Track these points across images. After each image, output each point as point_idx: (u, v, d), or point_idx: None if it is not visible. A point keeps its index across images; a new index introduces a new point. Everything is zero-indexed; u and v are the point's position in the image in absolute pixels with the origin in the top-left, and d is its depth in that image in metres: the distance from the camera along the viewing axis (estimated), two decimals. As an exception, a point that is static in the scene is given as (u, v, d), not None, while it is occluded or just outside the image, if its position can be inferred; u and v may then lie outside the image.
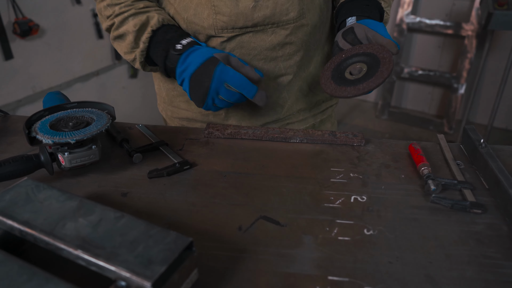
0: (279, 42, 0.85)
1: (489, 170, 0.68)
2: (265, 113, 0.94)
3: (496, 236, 0.59)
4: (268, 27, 0.83)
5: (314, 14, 0.86)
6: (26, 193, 0.55)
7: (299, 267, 0.53)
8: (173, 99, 0.99)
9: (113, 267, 0.44)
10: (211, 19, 0.82)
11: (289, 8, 0.82)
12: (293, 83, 0.92)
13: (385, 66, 0.73)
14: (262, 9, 0.80)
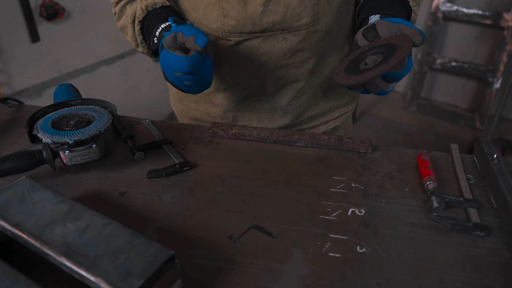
0: (290, 49, 0.81)
1: (498, 188, 0.65)
2: (274, 120, 0.92)
3: (497, 262, 0.56)
4: (278, 33, 0.79)
5: (331, 19, 0.82)
6: (22, 193, 0.56)
7: (285, 284, 0.52)
8: (182, 97, 0.99)
9: (92, 278, 0.45)
10: (219, 21, 0.79)
11: (301, 13, 0.78)
12: (304, 89, 0.89)
13: (398, 53, 0.64)
14: (271, 14, 0.77)
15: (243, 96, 0.90)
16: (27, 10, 1.67)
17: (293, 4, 0.77)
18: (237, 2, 0.77)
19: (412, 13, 0.80)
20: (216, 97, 0.92)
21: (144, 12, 0.79)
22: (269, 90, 0.87)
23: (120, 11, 0.85)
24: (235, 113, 0.93)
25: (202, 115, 0.96)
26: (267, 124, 0.92)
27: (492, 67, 2.80)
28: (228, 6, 0.78)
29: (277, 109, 0.91)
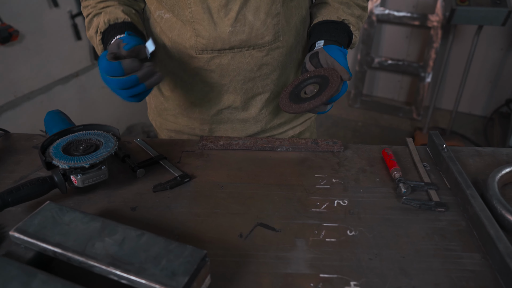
0: (256, 63, 0.91)
1: (450, 172, 0.80)
2: (247, 128, 1.02)
3: (456, 231, 0.70)
4: (245, 49, 0.89)
5: (290, 36, 0.93)
6: (52, 216, 0.62)
7: (295, 268, 0.63)
8: (161, 112, 1.06)
9: (143, 281, 0.52)
10: (192, 40, 0.88)
11: (264, 32, 0.88)
12: (271, 99, 1.00)
13: (328, 90, 0.80)
14: (238, 33, 0.87)
15: (217, 110, 0.99)
16: (-22, 34, 1.63)
17: (257, 25, 0.87)
18: (208, 24, 0.86)
19: (353, 37, 0.95)
20: (193, 111, 1.01)
21: (106, 24, 0.87)
22: (240, 102, 0.97)
23: (88, 22, 0.93)
24: (211, 125, 1.02)
25: (181, 127, 1.04)
26: (241, 133, 1.02)
27: (423, 63, 3.10)
28: (200, 27, 0.87)
29: (249, 119, 1.01)
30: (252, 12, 0.85)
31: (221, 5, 0.83)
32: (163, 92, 1.03)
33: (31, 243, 0.58)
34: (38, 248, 0.58)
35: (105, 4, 0.90)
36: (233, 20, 0.85)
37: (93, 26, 0.90)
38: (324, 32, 0.90)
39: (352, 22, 0.93)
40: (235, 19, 0.85)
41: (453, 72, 3.13)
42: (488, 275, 0.62)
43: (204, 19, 0.85)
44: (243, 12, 0.84)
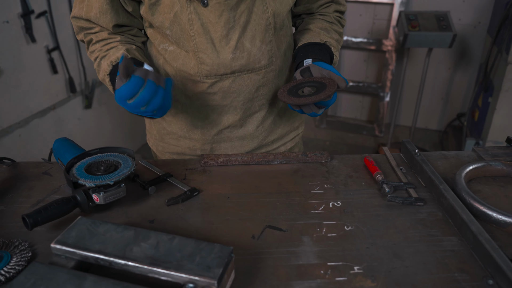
0: (254, 85, 1.03)
1: (424, 172, 0.93)
2: (245, 145, 1.12)
3: (435, 220, 0.82)
4: (244, 73, 1.00)
5: (281, 60, 1.06)
6: (87, 229, 0.68)
7: (305, 259, 0.72)
8: (163, 136, 1.14)
9: (183, 275, 0.60)
10: (197, 68, 0.98)
11: (260, 58, 1.00)
12: (266, 117, 1.11)
13: (327, 91, 0.92)
14: (238, 59, 0.98)
15: (218, 130, 1.09)
16: (-41, 71, 1.65)
17: (254, 51, 0.99)
18: (211, 52, 0.97)
19: (334, 57, 1.08)
20: (195, 133, 1.10)
21: (110, 66, 0.95)
22: (239, 121, 1.08)
23: (97, 66, 1.00)
24: (211, 144, 1.11)
25: (183, 149, 1.13)
26: (239, 150, 1.12)
27: (381, 84, 3.34)
28: (204, 56, 0.97)
29: (246, 136, 1.11)
30: (249, 40, 0.97)
31: (222, 35, 0.94)
32: (165, 118, 1.11)
33: (72, 253, 0.65)
34: (79, 256, 0.64)
35: (109, 46, 0.98)
36: (233, 48, 0.96)
37: (102, 70, 0.98)
38: (310, 52, 1.03)
39: (333, 44, 1.07)
40: (235, 47, 0.96)
41: (409, 91, 3.39)
42: (465, 252, 0.74)
43: (207, 49, 0.95)
44: (242, 40, 0.96)
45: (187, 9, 0.92)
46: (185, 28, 0.94)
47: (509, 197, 0.90)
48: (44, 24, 2.04)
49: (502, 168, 0.96)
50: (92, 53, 1.02)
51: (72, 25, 1.06)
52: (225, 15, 0.93)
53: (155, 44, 1.03)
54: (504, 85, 2.22)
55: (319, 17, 1.13)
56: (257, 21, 0.97)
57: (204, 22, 0.94)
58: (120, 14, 1.00)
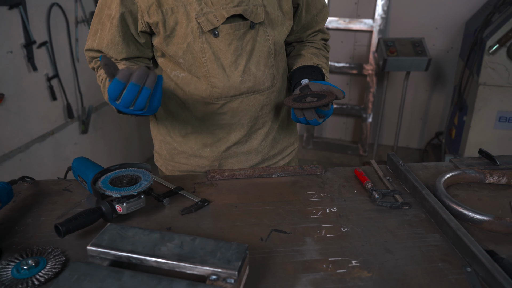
0: (259, 104, 1.16)
1: (408, 180, 1.05)
2: (250, 159, 1.23)
3: (419, 221, 0.93)
4: (250, 94, 1.13)
5: (280, 82, 1.20)
6: (117, 232, 0.77)
7: (309, 256, 0.82)
8: (174, 156, 1.24)
9: (207, 268, 0.69)
10: (208, 91, 1.10)
11: (264, 80, 1.13)
12: (268, 133, 1.23)
13: (327, 98, 1.03)
14: (246, 82, 1.11)
15: (226, 147, 1.20)
16: (-34, 99, 1.73)
17: (259, 75, 1.12)
18: (222, 77, 1.09)
19: (325, 78, 1.22)
20: (204, 151, 1.20)
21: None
22: (245, 137, 1.19)
23: (103, 87, 1.10)
24: (220, 161, 1.21)
25: (193, 167, 1.23)
26: (245, 164, 1.23)
27: (363, 105, 3.52)
28: (216, 80, 1.09)
29: (251, 151, 1.22)
30: (254, 65, 1.10)
31: (231, 61, 1.07)
32: (175, 139, 1.22)
33: (107, 253, 0.73)
34: (112, 256, 0.73)
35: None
36: (242, 72, 1.09)
37: (106, 87, 1.07)
38: (305, 73, 1.16)
39: (324, 66, 1.21)
40: (243, 71, 1.09)
41: (390, 112, 3.57)
42: (446, 246, 0.85)
43: (219, 73, 1.08)
44: (248, 65, 1.09)
45: (199, 39, 1.04)
46: (198, 56, 1.06)
47: (482, 200, 1.02)
48: (44, 54, 2.14)
49: (476, 175, 1.09)
50: (99, 76, 1.13)
51: (86, 57, 1.16)
52: (234, 44, 1.06)
53: (167, 71, 1.14)
54: (476, 104, 2.40)
55: (308, 45, 1.27)
56: (261, 49, 1.10)
57: (215, 51, 1.06)
58: (131, 46, 1.10)
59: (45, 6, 2.12)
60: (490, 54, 2.27)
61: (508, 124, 2.38)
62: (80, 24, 2.38)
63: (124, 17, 1.05)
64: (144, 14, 1.03)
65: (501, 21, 2.29)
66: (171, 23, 1.03)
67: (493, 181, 1.08)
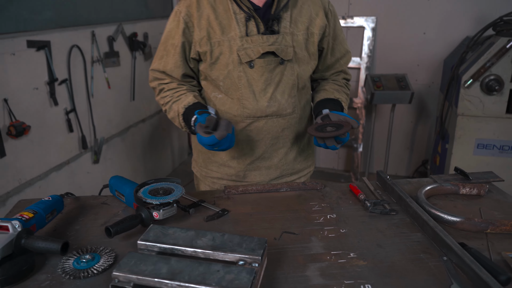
0: (280, 126, 1.38)
1: (394, 192, 1.25)
2: (270, 173, 1.44)
3: (404, 223, 1.12)
4: (274, 117, 1.35)
5: (301, 110, 1.42)
6: (160, 231, 0.95)
7: (315, 250, 1.00)
8: (208, 164, 1.47)
9: (237, 255, 0.87)
10: (240, 111, 1.33)
11: (286, 107, 1.36)
12: (287, 152, 1.44)
13: (345, 128, 1.22)
14: (271, 107, 1.33)
15: (250, 161, 1.41)
16: (-3, 130, 1.91)
17: (283, 102, 1.35)
18: (252, 101, 1.32)
19: (344, 109, 1.42)
20: (232, 162, 1.42)
21: (183, 109, 1.30)
22: (267, 153, 1.40)
23: (169, 108, 1.36)
24: (244, 172, 1.42)
25: (222, 175, 1.45)
26: (265, 177, 1.44)
27: (354, 136, 3.76)
28: (247, 103, 1.32)
29: (272, 166, 1.43)
30: (280, 94, 1.33)
31: (261, 89, 1.31)
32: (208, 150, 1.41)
33: (153, 246, 0.91)
34: (158, 248, 0.91)
35: (179, 93, 1.34)
36: (269, 98, 1.32)
37: (174, 111, 1.33)
38: (326, 104, 1.37)
39: (343, 100, 1.43)
40: (270, 98, 1.32)
41: (379, 142, 3.81)
42: (426, 242, 1.04)
43: (249, 97, 1.31)
44: (275, 93, 1.32)
45: (237, 68, 1.29)
46: (235, 81, 1.30)
47: (457, 207, 1.22)
48: (64, 90, 2.35)
49: (451, 187, 1.29)
50: (163, 98, 1.37)
51: (149, 75, 1.42)
52: (265, 75, 1.30)
53: (208, 92, 1.39)
54: (456, 133, 2.64)
55: (332, 82, 1.50)
56: (287, 81, 1.34)
57: (249, 79, 1.30)
58: (187, 68, 1.37)
59: (66, 47, 2.36)
60: (465, 88, 2.54)
61: (486, 151, 2.61)
62: (95, 63, 2.61)
63: (184, 45, 1.31)
64: (196, 44, 1.30)
65: (473, 59, 2.57)
66: (217, 53, 1.29)
67: (466, 192, 1.29)
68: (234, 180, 1.45)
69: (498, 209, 1.21)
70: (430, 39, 3.40)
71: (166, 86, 1.36)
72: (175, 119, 1.34)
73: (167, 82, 1.37)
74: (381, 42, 3.52)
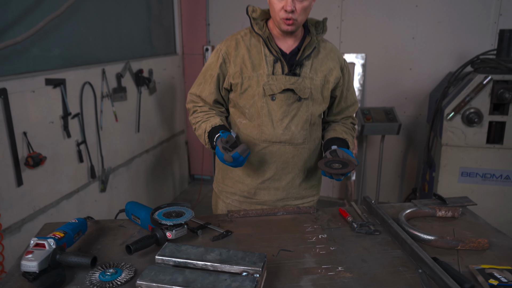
0: (291, 153, 1.57)
1: (379, 215, 1.41)
2: (278, 194, 1.61)
3: (386, 242, 1.28)
4: (287, 144, 1.55)
5: (310, 143, 1.61)
6: (174, 248, 1.10)
7: (308, 264, 1.15)
8: (225, 180, 1.67)
9: (241, 267, 1.02)
10: (258, 135, 1.54)
11: (298, 137, 1.56)
12: (295, 178, 1.62)
13: (349, 168, 1.42)
14: (285, 135, 1.54)
15: (261, 180, 1.59)
16: (16, 161, 2.08)
17: (296, 133, 1.55)
18: (270, 127, 1.53)
19: (349, 148, 1.62)
20: (246, 179, 1.61)
21: (210, 128, 1.51)
22: (276, 175, 1.59)
23: (198, 126, 1.57)
24: (255, 190, 1.61)
25: (236, 190, 1.64)
26: (273, 197, 1.62)
27: (347, 165, 3.93)
28: (265, 129, 1.53)
29: (279, 188, 1.61)
30: (294, 125, 1.54)
31: (279, 119, 1.52)
32: (227, 167, 1.63)
33: (169, 260, 1.06)
34: (173, 262, 1.06)
35: (209, 115, 1.57)
36: (284, 128, 1.53)
37: (201, 129, 1.55)
38: (335, 142, 1.59)
39: (350, 141, 1.64)
40: (285, 127, 1.53)
41: (371, 171, 3.98)
42: (405, 257, 1.19)
43: (268, 125, 1.52)
44: (289, 124, 1.53)
45: (262, 99, 1.52)
46: (258, 110, 1.53)
47: (433, 228, 1.38)
48: (76, 123, 2.53)
49: (429, 210, 1.45)
50: (195, 118, 1.60)
51: (187, 96, 1.67)
52: (283, 108, 1.53)
53: (234, 117, 1.61)
54: (442, 162, 2.82)
55: (341, 124, 1.72)
56: (301, 116, 1.55)
57: (270, 109, 1.52)
58: (219, 95, 1.61)
59: (79, 84, 2.56)
60: (448, 120, 2.74)
61: (470, 178, 2.78)
62: (104, 98, 2.81)
63: (219, 77, 1.57)
64: (230, 76, 1.55)
65: (455, 93, 2.78)
66: (246, 86, 1.54)
67: (442, 214, 1.45)
68: (245, 196, 1.63)
69: (470, 229, 1.37)
70: (416, 74, 3.64)
71: (199, 108, 1.60)
72: (201, 136, 1.56)
73: (201, 105, 1.61)
74: (371, 77, 3.75)
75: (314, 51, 1.57)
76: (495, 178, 2.74)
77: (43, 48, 2.36)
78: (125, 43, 3.19)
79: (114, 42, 3.04)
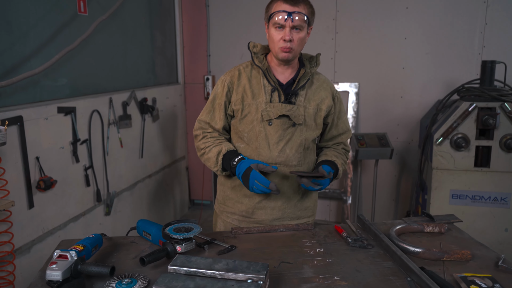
0: (285, 175, 1.69)
1: (371, 230, 1.53)
2: (274, 213, 1.73)
3: (378, 254, 1.39)
4: (282, 166, 1.68)
5: (304, 166, 1.74)
6: (185, 259, 1.21)
7: (307, 274, 1.26)
8: (225, 201, 1.79)
9: (246, 275, 1.13)
10: (256, 157, 1.67)
11: (292, 159, 1.69)
12: (290, 198, 1.74)
13: (313, 173, 1.57)
14: (281, 157, 1.67)
15: (259, 199, 1.72)
16: (28, 184, 2.19)
17: (290, 155, 1.68)
18: (267, 150, 1.66)
19: (339, 170, 1.76)
20: (244, 199, 1.73)
21: (226, 150, 1.65)
22: (273, 196, 1.71)
23: (209, 151, 1.70)
24: (253, 209, 1.72)
25: (235, 210, 1.76)
26: (269, 216, 1.73)
27: (343, 189, 4.05)
28: (262, 151, 1.66)
29: (275, 207, 1.73)
30: (289, 148, 1.68)
31: (275, 142, 1.66)
32: (228, 188, 1.76)
33: (180, 269, 1.17)
34: (184, 271, 1.16)
35: (219, 141, 1.71)
36: (279, 150, 1.66)
37: (213, 152, 1.68)
38: (325, 163, 1.73)
39: (339, 162, 1.78)
40: (280, 150, 1.67)
41: (366, 195, 4.10)
42: (395, 268, 1.30)
43: (265, 147, 1.66)
44: (285, 148, 1.67)
45: (259, 124, 1.67)
46: (256, 134, 1.67)
47: (422, 242, 1.50)
48: (85, 149, 2.66)
49: (417, 226, 1.57)
50: (204, 142, 1.72)
51: (196, 123, 1.79)
52: (279, 132, 1.67)
53: (234, 142, 1.75)
54: (433, 185, 2.95)
55: (333, 149, 1.87)
56: (295, 140, 1.69)
57: (267, 133, 1.66)
58: (226, 122, 1.75)
59: (88, 112, 2.70)
60: (437, 145, 2.89)
61: (460, 200, 2.91)
62: (111, 125, 2.95)
63: (225, 104, 1.73)
64: (232, 103, 1.72)
65: (443, 120, 2.95)
66: (246, 112, 1.69)
67: (430, 230, 1.57)
68: (244, 215, 1.75)
69: (456, 243, 1.49)
70: (407, 102, 3.82)
71: (209, 134, 1.75)
72: (211, 159, 1.68)
73: (210, 131, 1.75)
74: (364, 104, 3.93)
75: (308, 82, 1.73)
76: (484, 200, 2.87)
77: (55, 78, 2.52)
78: (131, 73, 3.36)
79: (120, 72, 3.22)
